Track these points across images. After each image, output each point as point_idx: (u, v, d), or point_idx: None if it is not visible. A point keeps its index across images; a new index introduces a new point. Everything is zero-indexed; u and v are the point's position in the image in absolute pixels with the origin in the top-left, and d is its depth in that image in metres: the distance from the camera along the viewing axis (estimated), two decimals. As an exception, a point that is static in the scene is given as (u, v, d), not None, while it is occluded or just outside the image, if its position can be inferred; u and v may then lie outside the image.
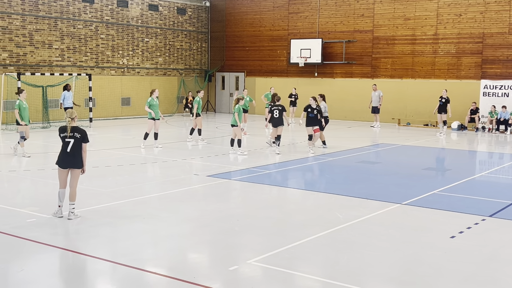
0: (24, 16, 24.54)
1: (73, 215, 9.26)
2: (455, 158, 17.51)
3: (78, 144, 9.21)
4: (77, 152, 9.23)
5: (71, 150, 9.19)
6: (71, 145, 9.17)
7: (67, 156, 9.21)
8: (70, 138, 9.18)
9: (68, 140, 9.18)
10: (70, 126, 9.20)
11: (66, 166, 9.25)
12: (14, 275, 6.87)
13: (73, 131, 9.21)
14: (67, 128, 9.21)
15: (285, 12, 30.65)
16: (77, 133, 9.22)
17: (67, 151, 9.19)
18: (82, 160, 9.28)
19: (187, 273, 6.95)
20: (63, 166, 9.26)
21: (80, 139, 9.21)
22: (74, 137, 9.19)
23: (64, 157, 9.24)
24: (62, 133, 9.24)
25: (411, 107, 27.00)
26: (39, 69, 24.97)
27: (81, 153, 9.26)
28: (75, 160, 9.23)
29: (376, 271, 7.18)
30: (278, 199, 11.36)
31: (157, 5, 30.31)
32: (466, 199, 11.47)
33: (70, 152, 9.19)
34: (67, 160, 9.22)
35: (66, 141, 9.19)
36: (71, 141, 9.17)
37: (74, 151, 9.21)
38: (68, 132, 9.19)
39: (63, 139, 9.22)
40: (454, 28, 25.89)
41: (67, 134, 9.18)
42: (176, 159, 15.49)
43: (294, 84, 29.56)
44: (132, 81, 29.11)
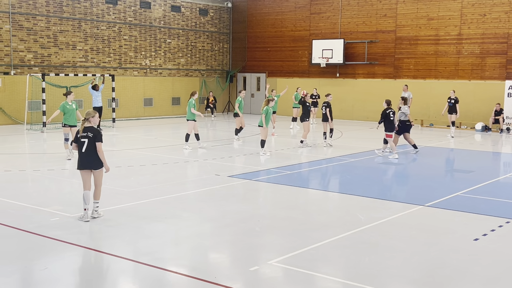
0: (48, 17, 24.87)
1: (97, 213, 9.31)
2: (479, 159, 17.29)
3: (92, 144, 9.15)
4: (93, 152, 9.17)
5: (85, 151, 9.16)
6: (85, 146, 9.15)
7: (84, 157, 9.19)
8: (84, 138, 9.16)
9: (83, 140, 9.17)
10: (83, 126, 9.21)
11: (85, 167, 9.23)
12: (37, 274, 6.96)
13: (86, 131, 9.17)
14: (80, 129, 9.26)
15: (307, 12, 30.58)
16: (90, 132, 9.18)
17: (82, 152, 9.18)
18: (100, 160, 9.21)
19: (208, 273, 6.96)
20: (81, 167, 9.25)
21: (93, 139, 9.14)
22: (87, 137, 9.15)
23: (81, 158, 9.23)
24: (78, 134, 9.25)
25: (434, 108, 26.73)
26: (63, 70, 25.27)
27: (97, 153, 9.20)
28: (93, 160, 9.18)
29: (398, 273, 7.12)
30: (299, 200, 11.33)
31: (179, 6, 30.48)
32: (490, 201, 11.31)
33: (86, 153, 9.16)
34: (85, 161, 9.20)
35: (81, 141, 9.18)
36: (85, 141, 9.15)
37: (90, 151, 9.16)
38: (80, 132, 9.20)
39: (78, 139, 9.22)
40: (478, 28, 25.57)
41: (80, 135, 9.20)
42: (198, 159, 15.55)
43: (315, 84, 29.47)
44: (154, 82, 29.32)
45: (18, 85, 23.70)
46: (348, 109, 29.22)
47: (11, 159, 15.59)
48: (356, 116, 28.94)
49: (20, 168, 13.94)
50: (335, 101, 27.38)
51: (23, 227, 8.73)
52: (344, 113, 29.10)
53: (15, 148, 17.73)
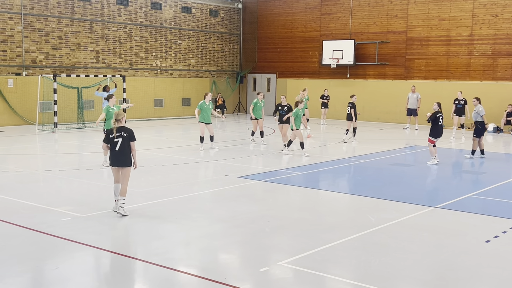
0: (60, 18, 25.01)
1: (122, 210, 9.60)
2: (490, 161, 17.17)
3: (126, 143, 9.57)
4: (126, 151, 9.59)
5: (119, 149, 9.55)
6: (119, 144, 9.54)
7: (117, 155, 9.59)
8: (118, 138, 9.54)
9: (117, 140, 9.53)
10: (116, 127, 9.58)
11: (116, 165, 9.64)
12: (49, 273, 7.00)
13: (119, 131, 9.57)
14: (113, 129, 9.59)
15: (317, 13, 30.54)
16: (124, 132, 9.59)
17: (116, 150, 9.56)
18: (131, 159, 9.65)
19: (218, 273, 6.97)
20: (113, 164, 9.68)
21: (127, 138, 9.57)
22: (121, 136, 9.55)
23: (114, 157, 9.63)
24: (111, 134, 9.60)
25: (445, 109, 26.48)
26: (75, 71, 25.41)
27: (129, 151, 9.63)
28: (125, 159, 9.60)
29: (409, 275, 7.09)
30: (309, 200, 11.31)
31: (190, 7, 30.55)
32: (501, 203, 11.24)
33: (119, 151, 9.56)
34: (117, 159, 9.62)
35: (115, 141, 9.55)
36: (119, 140, 9.53)
37: (123, 150, 9.56)
38: (114, 132, 9.55)
39: (111, 139, 9.56)
40: (490, 29, 25.41)
41: (114, 135, 9.54)
42: (208, 160, 15.57)
43: (326, 85, 29.43)
44: (165, 83, 29.40)
45: (30, 86, 23.86)
46: (358, 110, 28.86)
47: (23, 159, 15.70)
48: (366, 117, 28.84)
49: (31, 169, 14.03)
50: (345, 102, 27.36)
51: (34, 227, 8.79)
52: (354, 114, 28.98)
53: (27, 149, 17.85)
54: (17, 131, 22.01)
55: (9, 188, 11.68)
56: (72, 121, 24.48)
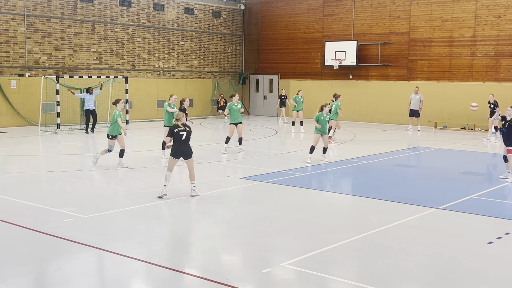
0: (63, 19, 25.06)
1: (194, 192, 11.08)
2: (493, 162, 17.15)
3: (188, 137, 11.00)
4: (187, 144, 11.04)
5: (183, 142, 10.95)
6: (183, 137, 10.93)
7: (179, 147, 10.93)
8: (182, 132, 10.92)
9: (181, 133, 10.91)
10: (180, 123, 10.98)
11: (178, 156, 11.02)
12: (51, 274, 7.01)
13: (184, 127, 10.98)
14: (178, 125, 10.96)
15: (319, 14, 30.54)
16: (187, 127, 11.04)
17: (181, 141, 10.92)
18: (190, 151, 11.11)
19: (220, 274, 6.97)
20: (175, 156, 10.97)
21: (189, 132, 11.02)
22: (185, 130, 10.95)
23: (177, 149, 10.94)
24: (175, 129, 10.91)
25: (448, 110, 26.58)
26: (77, 72, 25.45)
27: (189, 144, 11.11)
28: (185, 150, 11.03)
29: (411, 276, 7.08)
30: (311, 202, 11.31)
31: (192, 8, 30.58)
32: (504, 204, 11.22)
33: (182, 144, 10.94)
34: (179, 151, 10.97)
35: (180, 134, 10.90)
36: (184, 134, 10.93)
37: (185, 143, 11.00)
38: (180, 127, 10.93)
39: (177, 133, 10.88)
40: (493, 30, 25.38)
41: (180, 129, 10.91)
42: (210, 161, 15.58)
43: (328, 86, 29.45)
44: (167, 84, 29.42)
45: (33, 87, 23.90)
46: (361, 111, 29.12)
47: (26, 160, 15.72)
48: (369, 118, 28.83)
49: (34, 170, 14.05)
50: (347, 103, 27.39)
51: (37, 228, 8.80)
52: (357, 115, 29.01)
53: (30, 150, 17.87)
54: (19, 132, 22.04)
55: (12, 189, 11.70)
56: (75, 122, 24.52)
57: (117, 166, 14.33)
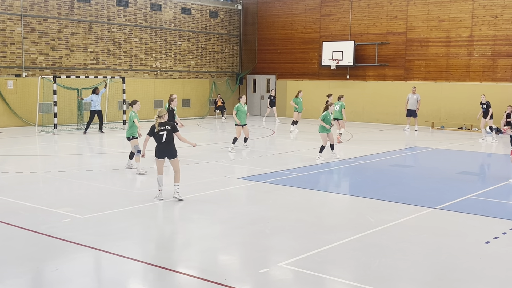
0: (60, 20, 25.02)
1: (178, 195, 10.68)
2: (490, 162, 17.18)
3: (170, 135, 10.58)
4: (171, 143, 10.61)
5: (165, 142, 10.56)
6: (164, 137, 10.54)
7: (163, 147, 10.58)
8: (162, 132, 10.51)
9: (161, 133, 10.52)
10: (158, 122, 10.52)
11: (162, 157, 10.68)
12: (48, 275, 6.99)
13: (163, 125, 10.54)
14: (155, 124, 10.56)
15: (317, 14, 30.56)
16: (168, 125, 10.59)
17: (162, 142, 10.55)
18: (174, 150, 10.65)
19: (218, 274, 6.97)
20: (159, 156, 10.67)
21: (171, 130, 10.58)
22: (165, 129, 10.54)
23: (160, 149, 10.62)
24: (155, 128, 10.54)
25: (445, 110, 26.62)
26: (74, 72, 25.41)
27: (173, 143, 10.64)
28: (169, 150, 10.62)
29: (409, 276, 7.09)
30: (309, 202, 11.31)
31: (189, 8, 30.57)
32: (501, 204, 11.24)
33: (164, 143, 10.56)
34: (163, 151, 10.62)
35: (160, 134, 10.51)
36: (164, 133, 10.53)
37: (168, 142, 10.58)
38: (157, 127, 10.50)
39: (156, 133, 10.52)
40: (490, 30, 25.43)
41: (158, 129, 10.50)
42: (208, 161, 15.57)
43: (325, 86, 29.46)
44: (165, 84, 29.40)
45: (30, 87, 23.86)
46: (358, 111, 29.15)
47: (23, 160, 15.70)
48: (366, 118, 28.86)
49: (31, 170, 14.03)
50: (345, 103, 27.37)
51: (34, 228, 8.79)
52: (354, 115, 29.02)
53: (27, 150, 17.84)
54: (17, 132, 22.00)
55: (9, 189, 11.67)
56: (72, 122, 24.48)
57: (126, 166, 14.23)
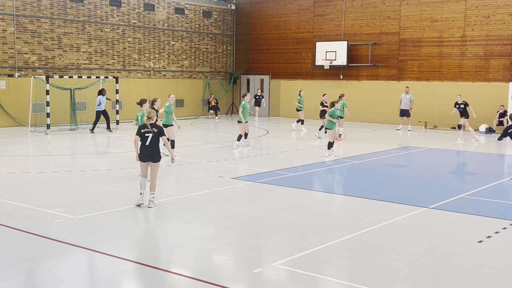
0: (52, 19, 24.93)
1: (153, 204, 10.21)
2: (483, 161, 17.25)
3: (156, 138, 10.19)
4: (155, 146, 10.20)
5: (149, 144, 10.16)
6: (149, 140, 10.16)
7: (147, 149, 10.18)
8: (148, 133, 10.17)
9: (147, 135, 10.16)
10: (148, 123, 10.20)
11: (146, 160, 10.25)
12: (41, 275, 6.97)
13: (151, 127, 10.19)
14: (146, 125, 10.22)
15: (310, 14, 30.59)
16: (155, 128, 10.22)
17: (146, 145, 10.16)
18: (158, 154, 10.25)
19: (212, 275, 6.97)
20: (143, 159, 10.26)
21: (157, 133, 10.20)
22: (152, 132, 10.16)
23: (144, 151, 10.22)
24: (143, 129, 10.21)
25: (438, 110, 26.70)
26: (67, 72, 25.33)
27: (158, 147, 10.24)
28: (153, 153, 10.20)
29: (402, 275, 7.11)
30: (303, 201, 11.32)
31: (183, 8, 30.53)
32: (494, 203, 11.29)
33: (149, 146, 10.16)
34: (147, 153, 10.21)
35: (146, 136, 10.17)
36: (150, 135, 10.16)
37: (153, 145, 10.18)
38: (147, 128, 10.18)
39: (143, 134, 10.19)
40: (482, 30, 25.53)
41: (146, 130, 10.18)
42: (201, 161, 15.56)
43: (319, 86, 29.49)
44: (158, 84, 29.35)
45: (22, 87, 23.77)
46: (351, 111, 29.08)
47: (15, 161, 15.63)
48: (360, 118, 28.91)
49: (24, 170, 13.98)
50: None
51: (27, 229, 8.75)
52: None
53: (19, 150, 17.77)
54: (9, 132, 21.91)
55: (1, 190, 11.62)
56: (65, 122, 24.40)
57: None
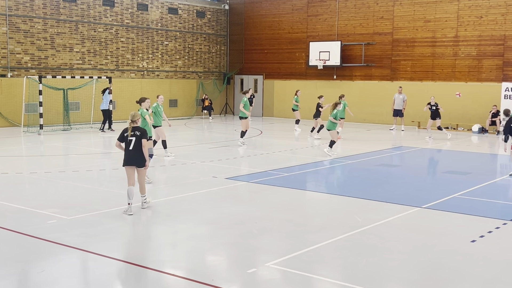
0: (45, 19, 24.84)
1: (146, 204, 10.11)
2: (476, 161, 17.32)
3: (139, 141, 9.81)
4: (139, 150, 9.81)
5: (133, 148, 9.79)
6: (133, 143, 9.79)
7: (131, 154, 9.81)
8: (132, 137, 9.80)
9: (130, 139, 9.81)
10: (131, 126, 9.83)
11: (130, 164, 9.85)
12: (34, 276, 6.94)
13: (133, 131, 9.82)
14: (128, 128, 9.84)
15: (304, 14, 30.62)
16: (138, 131, 9.85)
17: (130, 149, 9.80)
18: (144, 158, 9.85)
19: (206, 275, 6.96)
20: (127, 164, 9.86)
21: (140, 136, 9.81)
22: (135, 135, 9.80)
23: (128, 156, 9.84)
24: (126, 133, 9.85)
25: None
26: (60, 72, 25.24)
27: (142, 151, 9.83)
28: (138, 157, 9.82)
29: (396, 275, 7.13)
30: (296, 202, 11.33)
31: (176, 8, 30.49)
32: (487, 203, 11.33)
33: (133, 150, 9.79)
34: (131, 158, 9.83)
35: (129, 139, 9.81)
36: (133, 139, 9.80)
37: (136, 149, 9.80)
38: (129, 131, 9.81)
39: (126, 138, 9.83)
40: (475, 30, 25.63)
41: (128, 134, 9.82)
42: (195, 162, 15.54)
43: (312, 86, 29.52)
44: (151, 84, 29.30)
45: (15, 88, 23.67)
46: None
47: (8, 161, 15.57)
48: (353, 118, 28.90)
49: (17, 171, 13.92)
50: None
51: (20, 229, 8.72)
52: (341, 115, 29.09)
53: (12, 151, 17.69)
54: (2, 133, 21.80)
55: (-6, 191, 11.57)
56: (58, 123, 24.31)
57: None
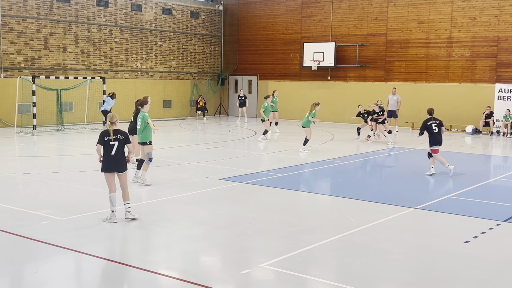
0: (39, 20, 24.76)
1: (130, 215, 9.38)
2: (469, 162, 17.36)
3: (121, 146, 9.30)
4: (121, 155, 9.33)
5: (115, 153, 9.27)
6: (115, 148, 9.24)
7: (112, 159, 9.26)
8: (114, 141, 9.24)
9: (113, 143, 9.23)
10: (112, 130, 9.26)
11: (111, 170, 9.30)
12: (27, 277, 6.91)
13: (116, 134, 9.27)
14: (109, 131, 9.24)
15: (298, 15, 30.64)
16: (121, 135, 9.31)
17: (112, 154, 9.25)
18: (125, 163, 9.37)
19: (200, 276, 6.95)
20: (107, 169, 9.30)
21: (123, 141, 9.31)
22: (118, 139, 9.25)
23: (109, 161, 9.27)
24: (106, 137, 9.24)
25: (425, 111, 26.73)
26: (54, 73, 25.16)
27: (124, 155, 9.37)
28: (119, 163, 9.32)
29: (390, 275, 7.14)
30: (290, 202, 11.33)
31: (170, 9, 30.45)
32: (480, 204, 11.36)
33: (114, 155, 9.26)
34: (112, 163, 9.28)
35: (111, 144, 9.22)
36: (115, 143, 9.24)
37: (118, 154, 9.29)
38: (111, 135, 9.23)
39: (107, 142, 9.23)
40: (469, 32, 25.72)
41: (110, 138, 9.23)
42: (189, 162, 15.52)
43: (307, 87, 29.54)
44: (145, 85, 29.24)
45: (8, 88, 23.57)
46: (339, 111, 29.27)
47: (1, 162, 15.49)
48: (347, 119, 28.98)
49: (10, 171, 13.86)
50: (326, 104, 27.53)
51: (13, 230, 8.68)
52: (335, 115, 29.16)
53: (5, 151, 17.61)
54: (-5, 133, 21.72)
55: (-13, 192, 11.51)
56: (51, 123, 24.24)
57: (133, 179, 12.59)
